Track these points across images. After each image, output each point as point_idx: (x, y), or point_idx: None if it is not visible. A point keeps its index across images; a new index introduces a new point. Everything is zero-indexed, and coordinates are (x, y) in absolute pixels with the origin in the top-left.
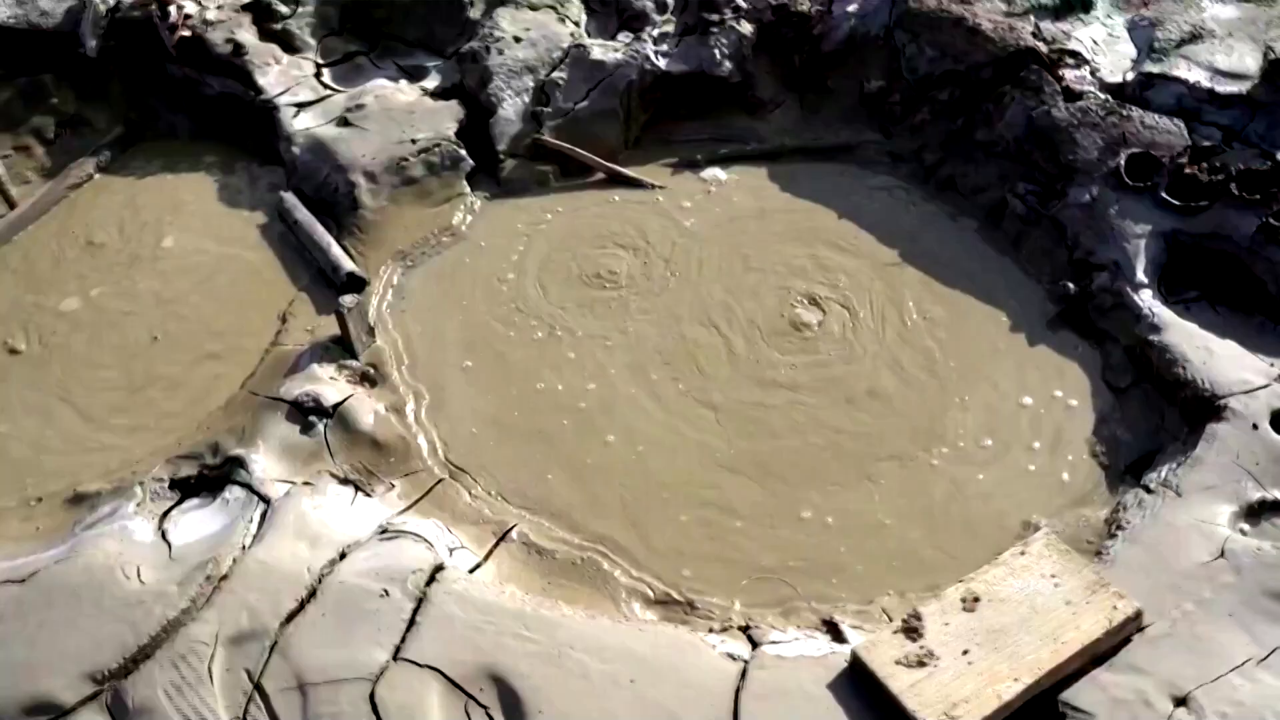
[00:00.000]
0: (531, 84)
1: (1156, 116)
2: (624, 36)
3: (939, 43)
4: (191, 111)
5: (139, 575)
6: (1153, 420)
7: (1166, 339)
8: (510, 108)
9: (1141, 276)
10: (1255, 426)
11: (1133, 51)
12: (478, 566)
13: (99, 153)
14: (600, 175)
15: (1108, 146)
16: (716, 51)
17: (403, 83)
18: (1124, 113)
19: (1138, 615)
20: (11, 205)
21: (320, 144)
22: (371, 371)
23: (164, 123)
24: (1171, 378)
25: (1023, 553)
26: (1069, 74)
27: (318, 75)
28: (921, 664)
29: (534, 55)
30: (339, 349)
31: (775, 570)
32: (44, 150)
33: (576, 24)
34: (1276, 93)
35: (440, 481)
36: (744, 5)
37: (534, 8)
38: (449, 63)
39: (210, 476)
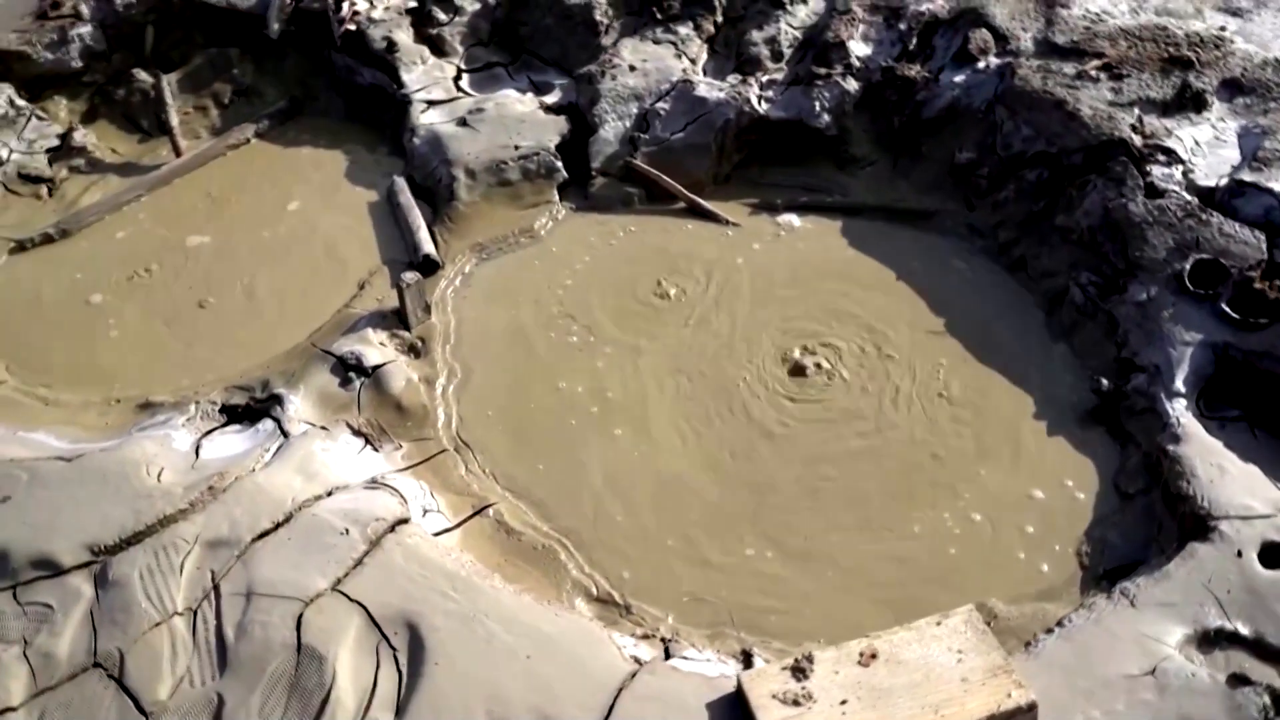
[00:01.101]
0: (635, 110)
1: (1237, 226)
2: (733, 78)
3: (1035, 123)
4: (346, 97)
5: (159, 475)
6: (1149, 531)
7: (1182, 450)
8: (611, 130)
9: (1179, 385)
10: (1240, 554)
11: (1237, 158)
12: (444, 532)
13: (260, 121)
14: (681, 204)
15: (1178, 248)
16: (817, 103)
17: (528, 95)
18: (1202, 217)
19: (1031, 708)
20: (178, 154)
21: (437, 138)
22: (419, 344)
23: (321, 103)
24: (1175, 490)
25: (939, 623)
26: (1156, 170)
27: (456, 79)
28: (796, 703)
29: (643, 84)
30: (396, 319)
31: (718, 595)
32: (218, 112)
33: (693, 61)
34: None
35: (443, 452)
36: (856, 64)
37: (657, 42)
38: (572, 82)
39: (254, 408)
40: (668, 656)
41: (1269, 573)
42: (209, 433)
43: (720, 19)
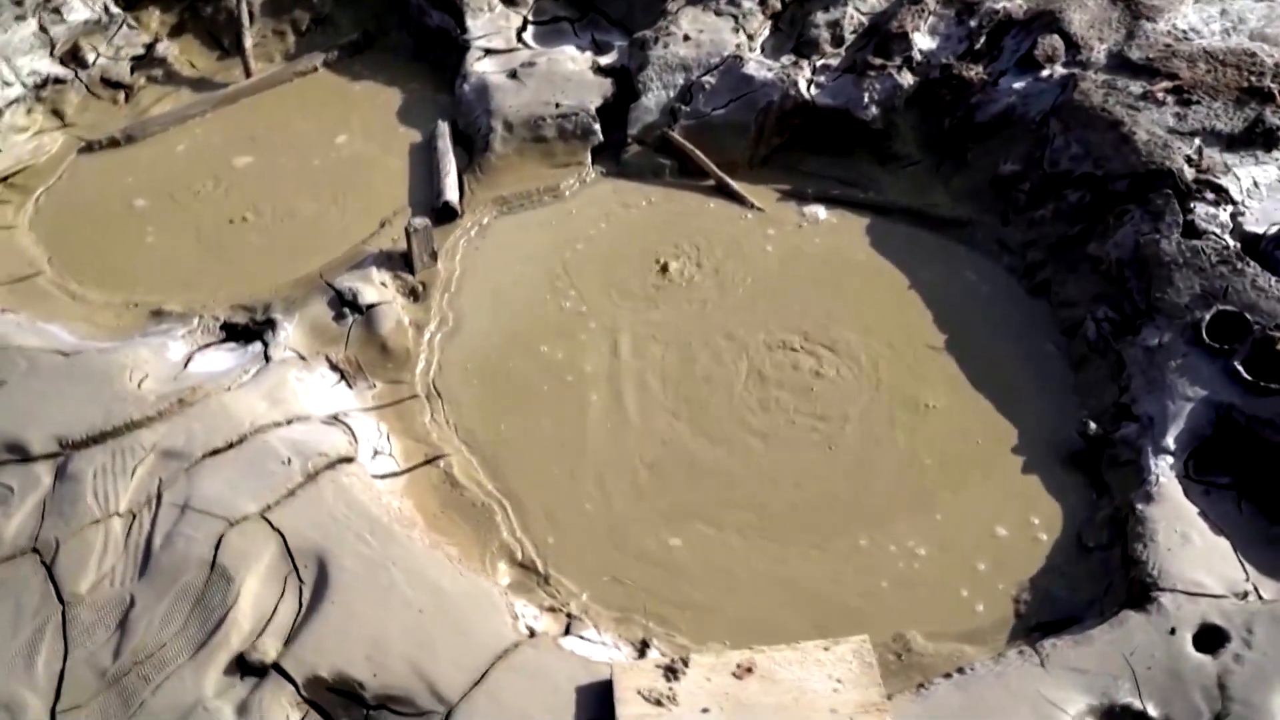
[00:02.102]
0: (681, 81)
1: (1274, 280)
2: (786, 59)
3: (1087, 141)
4: (416, 36)
5: (141, 382)
6: (1097, 589)
7: (1150, 511)
8: (653, 98)
9: (1169, 442)
10: (1173, 631)
11: None
12: (389, 475)
13: (331, 51)
14: (711, 181)
15: (1203, 295)
16: (867, 94)
17: (585, 53)
18: (1237, 265)
19: None
20: (248, 75)
21: (485, 87)
22: (420, 289)
23: (392, 40)
24: (1131, 551)
25: (827, 649)
26: (1199, 208)
27: (520, 30)
28: (659, 703)
29: (693, 55)
30: (402, 262)
31: (636, 581)
32: (294, 39)
33: (750, 37)
34: None
35: (414, 397)
36: (917, 58)
37: (719, 14)
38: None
39: (251, 329)
40: (567, 633)
41: (1199, 656)
42: (204, 347)
43: None
